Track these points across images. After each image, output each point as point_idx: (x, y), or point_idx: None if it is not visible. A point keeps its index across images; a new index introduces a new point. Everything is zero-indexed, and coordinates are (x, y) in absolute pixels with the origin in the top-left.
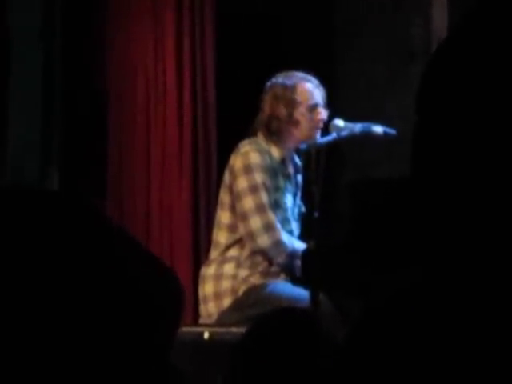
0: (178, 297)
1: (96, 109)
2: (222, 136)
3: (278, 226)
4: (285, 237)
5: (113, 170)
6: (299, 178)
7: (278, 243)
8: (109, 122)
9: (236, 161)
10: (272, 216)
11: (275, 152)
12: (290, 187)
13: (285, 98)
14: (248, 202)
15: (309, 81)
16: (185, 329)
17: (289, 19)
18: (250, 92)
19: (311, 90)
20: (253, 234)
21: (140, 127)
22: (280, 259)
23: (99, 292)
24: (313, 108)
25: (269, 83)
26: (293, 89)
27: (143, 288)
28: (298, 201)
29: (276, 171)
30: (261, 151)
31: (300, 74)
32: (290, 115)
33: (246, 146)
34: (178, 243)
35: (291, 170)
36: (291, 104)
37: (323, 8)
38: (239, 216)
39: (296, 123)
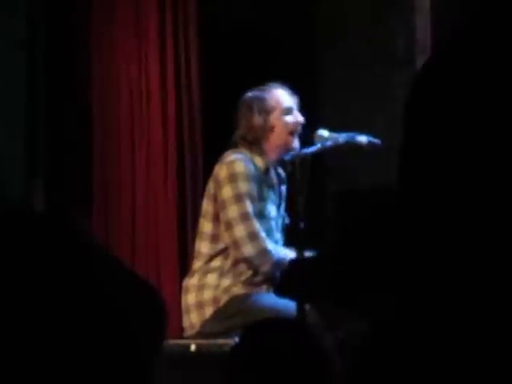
0: (161, 315)
1: (80, 120)
2: (207, 146)
3: (263, 234)
4: (270, 245)
5: (98, 181)
6: (283, 189)
7: (263, 252)
8: (93, 133)
9: (220, 170)
10: (256, 225)
11: (259, 162)
12: (273, 198)
13: (258, 106)
14: (232, 211)
15: (278, 88)
16: (171, 341)
17: (271, 30)
18: (235, 101)
19: (282, 94)
20: (237, 243)
21: (124, 137)
22: (265, 268)
23: (80, 312)
24: (287, 111)
25: (241, 99)
26: (264, 96)
27: (125, 307)
28: (282, 212)
29: (260, 181)
30: (245, 160)
31: (271, 84)
32: (265, 121)
33: (230, 156)
34: (164, 253)
35: (275, 180)
36: (265, 110)
37: (306, 16)
38: (224, 225)
39: (271, 128)
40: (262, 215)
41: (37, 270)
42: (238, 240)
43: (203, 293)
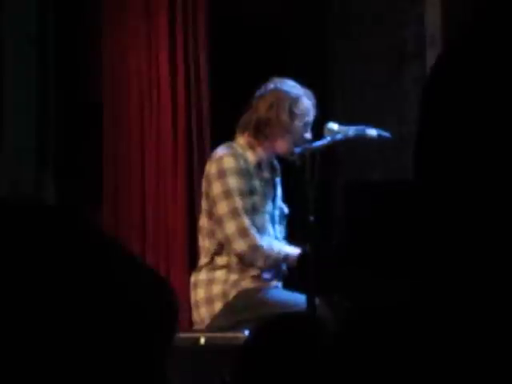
0: (173, 309)
1: (90, 112)
2: (216, 135)
3: (254, 230)
4: (264, 241)
5: (108, 178)
6: (277, 180)
7: (255, 247)
8: (103, 130)
9: (211, 167)
10: (246, 221)
11: (251, 156)
12: (267, 191)
13: (290, 106)
14: (222, 207)
15: (310, 98)
16: (181, 334)
17: (283, 23)
18: (244, 90)
19: (310, 108)
20: (229, 239)
21: (134, 136)
22: (260, 263)
23: (92, 305)
24: (306, 125)
25: (272, 85)
26: (297, 101)
27: (137, 300)
28: (279, 203)
29: (252, 175)
30: (235, 155)
31: (303, 89)
32: (289, 125)
33: (219, 152)
34: (173, 248)
35: (268, 173)
36: (294, 114)
37: (317, 11)
38: (215, 221)
39: (290, 133)
40: (255, 210)
41: (50, 262)
42: (229, 236)
43: (212, 288)
